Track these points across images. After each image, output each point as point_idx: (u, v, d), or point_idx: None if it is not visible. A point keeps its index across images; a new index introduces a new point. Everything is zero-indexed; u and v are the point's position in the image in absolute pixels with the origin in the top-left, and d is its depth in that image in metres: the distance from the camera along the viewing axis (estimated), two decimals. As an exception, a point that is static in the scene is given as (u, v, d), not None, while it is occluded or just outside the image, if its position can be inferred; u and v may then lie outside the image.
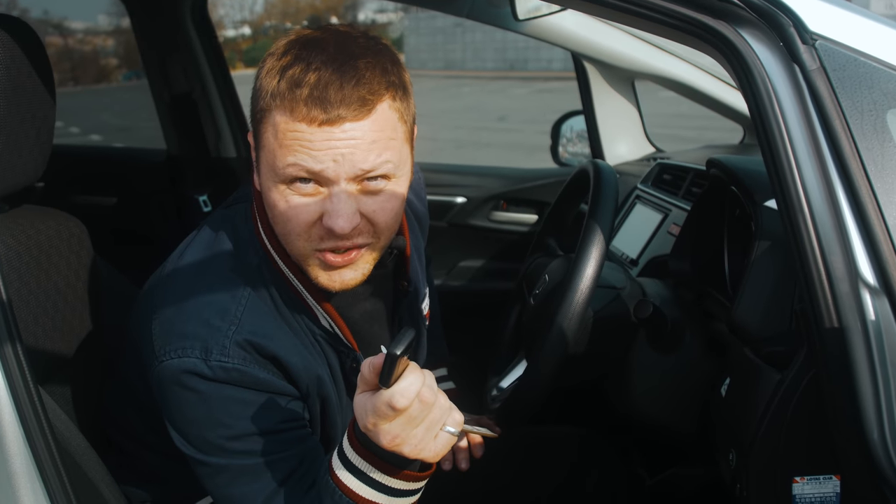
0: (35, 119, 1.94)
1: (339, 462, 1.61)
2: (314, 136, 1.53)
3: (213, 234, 1.79)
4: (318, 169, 1.54)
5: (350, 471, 1.59)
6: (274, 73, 1.57)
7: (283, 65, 1.56)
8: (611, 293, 2.15)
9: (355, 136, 1.55)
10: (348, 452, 1.59)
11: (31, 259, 1.91)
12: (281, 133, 1.55)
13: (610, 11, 1.66)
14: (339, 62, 1.55)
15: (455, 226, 3.92)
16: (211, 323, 1.64)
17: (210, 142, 4.23)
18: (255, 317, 1.67)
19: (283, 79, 1.54)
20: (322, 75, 1.53)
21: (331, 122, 1.52)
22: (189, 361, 1.61)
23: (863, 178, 1.50)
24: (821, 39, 1.53)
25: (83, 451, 1.85)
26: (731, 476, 1.87)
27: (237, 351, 1.62)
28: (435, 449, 1.51)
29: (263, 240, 1.75)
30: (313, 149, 1.53)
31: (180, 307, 1.67)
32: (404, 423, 1.47)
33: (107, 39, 35.63)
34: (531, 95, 25.20)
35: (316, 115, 1.52)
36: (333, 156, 1.54)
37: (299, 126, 1.53)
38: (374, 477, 1.57)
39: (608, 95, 3.84)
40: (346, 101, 1.53)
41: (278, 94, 1.54)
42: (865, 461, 1.50)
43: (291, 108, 1.53)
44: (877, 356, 1.49)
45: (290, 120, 1.53)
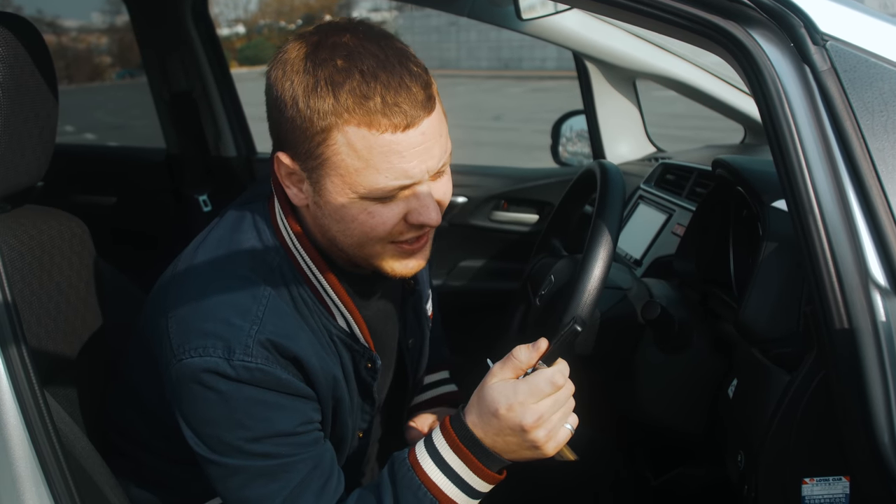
0: (38, 118, 1.93)
1: (427, 456, 1.65)
2: (400, 145, 1.54)
3: (229, 233, 1.77)
4: (412, 181, 1.58)
5: (440, 466, 1.64)
6: (323, 90, 1.53)
7: (326, 78, 1.53)
8: (618, 294, 2.14)
9: (431, 134, 1.58)
10: (440, 447, 1.65)
11: (34, 259, 1.91)
12: (363, 149, 1.54)
13: (620, 12, 1.66)
14: (385, 64, 1.55)
15: (456, 225, 3.91)
16: (232, 322, 1.62)
17: (210, 141, 4.23)
18: (276, 317, 1.67)
19: (343, 93, 1.52)
20: (384, 81, 1.53)
21: (412, 125, 1.54)
22: (211, 360, 1.60)
23: (874, 178, 1.50)
24: (831, 40, 1.53)
25: (87, 453, 1.84)
26: (739, 477, 1.87)
27: (260, 350, 1.62)
28: (558, 440, 1.62)
29: (287, 240, 1.74)
30: (403, 159, 1.55)
31: (198, 305, 1.66)
32: (552, 404, 1.59)
33: (100, 37, 35.62)
34: (526, 94, 25.20)
35: (399, 122, 1.53)
36: (420, 158, 1.56)
37: (383, 137, 1.53)
38: (460, 474, 1.64)
39: (609, 95, 3.84)
40: (415, 99, 1.55)
41: (345, 109, 1.52)
42: (875, 462, 1.50)
43: (369, 122, 1.52)
44: (887, 357, 1.49)
45: (370, 133, 1.53)
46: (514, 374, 1.61)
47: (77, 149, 5.82)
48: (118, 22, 32.11)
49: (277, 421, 1.65)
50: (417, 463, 1.65)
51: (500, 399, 1.58)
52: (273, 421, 1.65)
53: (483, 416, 1.61)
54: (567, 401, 1.62)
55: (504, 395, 1.58)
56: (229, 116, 4.23)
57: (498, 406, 1.58)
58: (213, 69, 4.17)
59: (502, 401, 1.58)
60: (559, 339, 1.62)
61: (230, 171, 4.23)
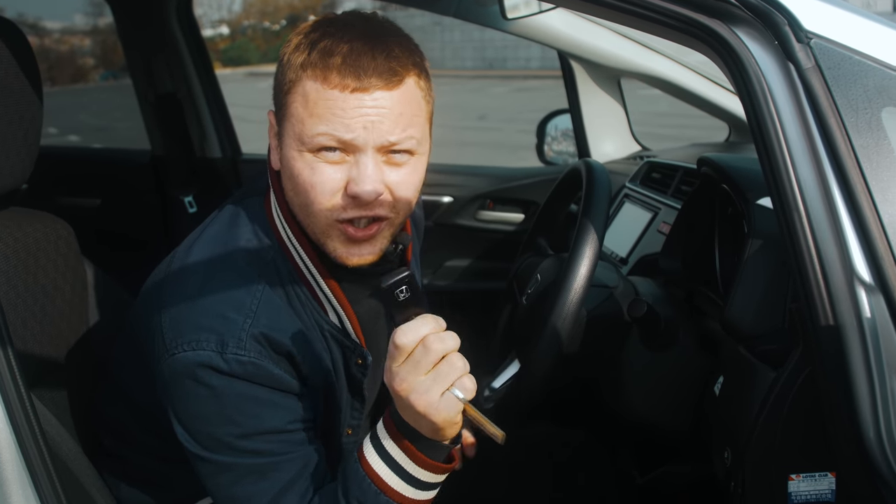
0: (23, 120, 1.92)
1: (371, 447, 1.63)
2: (346, 104, 1.56)
3: (224, 228, 1.78)
4: (348, 137, 1.57)
5: (382, 457, 1.62)
6: (303, 47, 1.60)
7: (312, 39, 1.60)
8: (604, 292, 2.15)
9: (384, 105, 1.58)
10: (382, 436, 1.62)
11: (19, 262, 1.90)
12: (312, 101, 1.58)
13: (605, 10, 1.66)
14: (370, 37, 1.59)
15: (441, 225, 3.91)
16: (226, 316, 1.63)
17: (195, 142, 4.22)
18: (270, 310, 1.67)
19: (315, 50, 1.58)
20: (354, 45, 1.57)
21: (363, 90, 1.56)
22: (204, 354, 1.60)
23: (858, 175, 1.51)
24: (816, 38, 1.54)
25: (74, 455, 1.84)
26: (725, 474, 1.87)
27: (253, 344, 1.62)
28: (441, 409, 1.52)
29: (281, 233, 1.75)
30: (345, 116, 1.56)
31: (193, 300, 1.66)
32: (410, 367, 1.51)
33: (83, 39, 35.49)
34: (510, 94, 25.21)
35: (349, 83, 1.55)
36: (364, 123, 1.57)
37: (332, 93, 1.56)
38: (402, 465, 1.61)
39: (594, 94, 3.85)
40: (378, 69, 1.56)
41: (309, 63, 1.58)
42: (861, 458, 1.50)
43: (325, 76, 1.56)
44: (872, 353, 1.49)
45: (322, 87, 1.57)
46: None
47: (61, 151, 5.81)
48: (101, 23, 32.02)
49: (268, 417, 1.66)
50: (362, 454, 1.64)
51: (387, 374, 1.54)
52: (263, 417, 1.65)
53: (398, 405, 1.58)
54: (435, 364, 1.51)
55: (388, 368, 1.54)
56: (214, 117, 4.22)
57: (392, 382, 1.54)
58: (197, 70, 4.16)
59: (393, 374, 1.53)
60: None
61: (215, 172, 4.22)
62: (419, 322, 1.52)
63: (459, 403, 1.53)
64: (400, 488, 1.62)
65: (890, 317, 1.51)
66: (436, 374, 1.51)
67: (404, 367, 1.51)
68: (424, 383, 1.51)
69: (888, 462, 1.47)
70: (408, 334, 1.50)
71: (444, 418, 1.53)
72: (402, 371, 1.51)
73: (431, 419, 1.53)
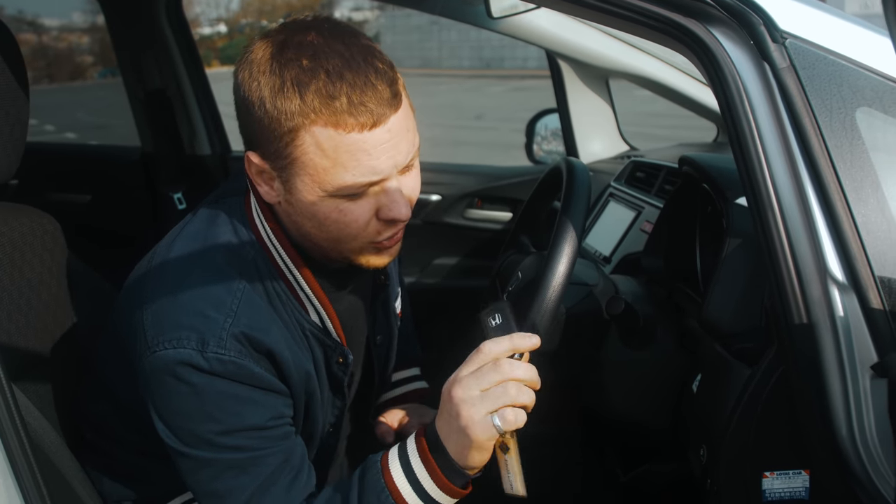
0: (8, 116, 1.93)
1: (397, 462, 1.65)
2: (367, 143, 1.55)
3: (204, 227, 1.77)
4: (379, 178, 1.59)
5: (406, 473, 1.64)
6: (289, 90, 1.54)
7: (293, 79, 1.54)
8: (583, 290, 2.16)
9: (397, 130, 1.59)
10: (411, 454, 1.65)
11: (5, 256, 1.91)
12: (330, 149, 1.55)
13: (582, 10, 1.67)
14: (351, 62, 1.56)
15: (429, 223, 3.92)
16: (207, 314, 1.63)
17: (185, 139, 4.23)
18: (250, 310, 1.67)
19: (309, 94, 1.53)
20: (349, 80, 1.54)
21: (379, 123, 1.55)
22: (185, 353, 1.60)
23: (832, 175, 1.52)
24: (791, 38, 1.55)
25: (56, 447, 1.84)
26: (701, 471, 1.88)
27: (233, 343, 1.62)
28: (479, 430, 1.55)
29: (262, 235, 1.75)
30: (371, 157, 1.56)
31: (173, 298, 1.66)
32: (474, 378, 1.56)
33: (82, 37, 35.46)
34: (507, 93, 25.20)
35: (365, 121, 1.54)
36: (388, 154, 1.58)
37: (350, 137, 1.54)
38: (423, 485, 1.63)
39: (582, 93, 3.86)
40: (382, 98, 1.55)
41: (311, 110, 1.53)
42: (834, 456, 1.52)
43: (336, 122, 1.53)
44: (845, 352, 1.51)
45: (337, 133, 1.54)
46: None
47: (51, 147, 5.81)
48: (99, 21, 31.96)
49: (248, 415, 1.66)
50: (387, 467, 1.65)
51: (454, 389, 1.57)
52: (244, 415, 1.66)
53: (444, 418, 1.61)
54: (495, 383, 1.55)
55: (455, 383, 1.58)
56: (204, 114, 4.23)
57: (454, 393, 1.57)
58: (187, 68, 4.17)
59: (456, 390, 1.56)
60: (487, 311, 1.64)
61: (205, 169, 4.23)
62: (507, 340, 1.59)
63: (493, 430, 1.55)
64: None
65: (862, 315, 1.52)
66: (490, 392, 1.55)
67: (470, 377, 1.56)
68: (477, 397, 1.55)
69: (860, 459, 1.49)
70: (493, 347, 1.57)
71: (476, 437, 1.56)
72: (467, 379, 1.56)
73: (468, 434, 1.56)
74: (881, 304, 1.51)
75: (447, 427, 1.59)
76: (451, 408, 1.56)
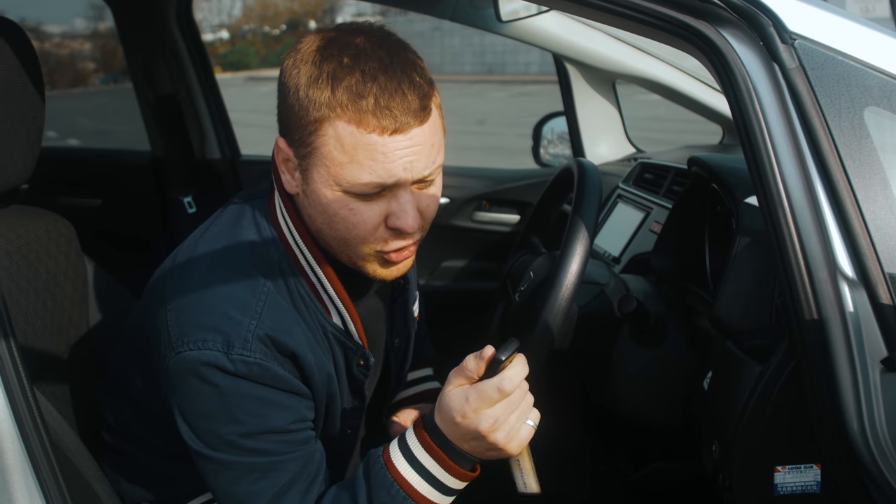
0: (25, 119, 1.95)
1: (400, 455, 1.67)
2: (386, 148, 1.57)
3: (229, 228, 1.79)
4: (391, 182, 1.60)
5: (412, 465, 1.66)
6: (323, 82, 1.58)
7: (329, 73, 1.58)
8: (595, 289, 2.17)
9: (420, 142, 1.60)
10: (413, 447, 1.66)
11: (21, 259, 1.93)
12: (349, 146, 1.58)
13: (593, 12, 1.69)
14: (389, 67, 1.59)
15: (438, 226, 3.92)
16: (232, 316, 1.64)
17: (195, 143, 4.24)
18: (274, 312, 1.69)
19: (340, 88, 1.56)
20: (382, 84, 1.56)
21: (400, 131, 1.57)
22: (210, 354, 1.61)
23: (841, 173, 1.54)
24: (800, 39, 1.57)
25: (76, 448, 1.86)
26: (714, 467, 1.90)
27: (258, 346, 1.64)
28: (520, 438, 1.62)
29: (287, 236, 1.76)
30: (386, 161, 1.58)
31: (198, 299, 1.68)
32: (505, 407, 1.59)
33: (84, 43, 35.40)
34: (509, 99, 25.18)
35: (387, 125, 1.56)
36: (404, 164, 1.59)
37: (370, 137, 1.56)
38: (433, 473, 1.65)
39: (589, 96, 3.87)
40: (410, 107, 1.58)
41: (338, 104, 1.56)
42: (845, 450, 1.53)
43: (359, 120, 1.56)
44: (855, 347, 1.52)
45: (358, 132, 1.56)
46: (466, 381, 1.63)
47: (62, 151, 5.82)
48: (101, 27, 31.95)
49: (271, 418, 1.67)
50: (391, 461, 1.67)
51: (455, 407, 1.60)
52: (267, 417, 1.67)
53: (445, 422, 1.64)
54: (522, 401, 1.62)
55: (458, 402, 1.60)
56: (213, 119, 4.25)
57: (454, 414, 1.60)
58: (197, 73, 4.19)
59: (457, 408, 1.60)
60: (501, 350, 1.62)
61: (215, 173, 4.24)
62: (518, 369, 1.61)
63: (532, 431, 1.64)
64: (429, 494, 1.66)
65: (872, 311, 1.53)
66: (521, 410, 1.62)
67: (497, 409, 1.59)
68: (511, 421, 1.61)
69: (871, 453, 1.50)
70: (515, 382, 1.59)
71: (519, 444, 1.63)
72: (496, 412, 1.59)
73: (508, 450, 1.62)
74: (891, 299, 1.53)
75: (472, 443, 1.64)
76: (482, 436, 1.60)
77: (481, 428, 1.58)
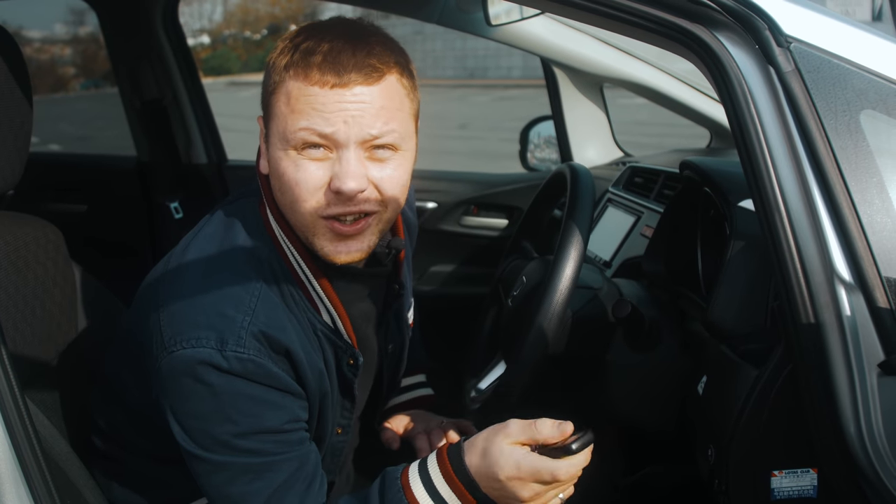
0: (13, 125, 1.93)
1: (419, 482, 1.68)
2: (326, 99, 1.59)
3: (220, 229, 1.79)
4: (329, 131, 1.60)
5: (430, 493, 1.66)
6: (287, 50, 1.64)
7: (296, 43, 1.63)
8: (588, 293, 2.17)
9: (364, 100, 1.61)
10: (434, 476, 1.67)
11: (10, 265, 1.91)
12: (294, 99, 1.61)
13: (587, 15, 1.69)
14: (352, 36, 1.63)
15: (426, 231, 3.92)
16: (225, 313, 1.64)
17: (181, 148, 4.22)
18: (268, 308, 1.68)
19: (297, 51, 1.61)
20: (335, 44, 1.60)
21: (343, 85, 1.59)
22: (204, 352, 1.61)
23: (837, 176, 1.54)
24: (795, 42, 1.57)
25: (67, 455, 1.85)
26: (709, 471, 1.89)
27: (252, 342, 1.63)
28: None
29: (274, 231, 1.77)
30: (325, 111, 1.59)
31: (192, 298, 1.67)
32: (552, 490, 1.64)
33: (64, 48, 35.28)
34: (492, 103, 25.18)
35: (328, 79, 1.59)
36: (344, 118, 1.60)
37: (312, 89, 1.59)
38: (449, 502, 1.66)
39: (577, 100, 3.87)
40: (357, 66, 1.60)
41: (292, 64, 1.61)
42: (842, 455, 1.53)
43: (305, 74, 1.60)
44: (852, 351, 1.53)
45: (303, 85, 1.60)
46: (529, 441, 1.63)
47: (47, 157, 5.80)
48: (81, 32, 31.85)
49: (265, 417, 1.66)
50: (409, 486, 1.67)
51: (505, 467, 1.60)
52: (261, 417, 1.66)
53: (482, 469, 1.64)
54: (567, 487, 1.66)
55: (510, 464, 1.60)
56: (200, 124, 4.23)
57: (500, 472, 1.61)
58: (183, 77, 4.17)
59: (507, 469, 1.60)
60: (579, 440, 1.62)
61: (201, 178, 4.23)
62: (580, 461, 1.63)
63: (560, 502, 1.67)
64: None
65: (869, 314, 1.54)
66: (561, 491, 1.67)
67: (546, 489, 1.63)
68: (549, 495, 1.64)
69: (868, 457, 1.50)
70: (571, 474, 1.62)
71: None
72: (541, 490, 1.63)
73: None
74: (888, 303, 1.53)
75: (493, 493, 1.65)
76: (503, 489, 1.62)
77: (521, 495, 1.61)
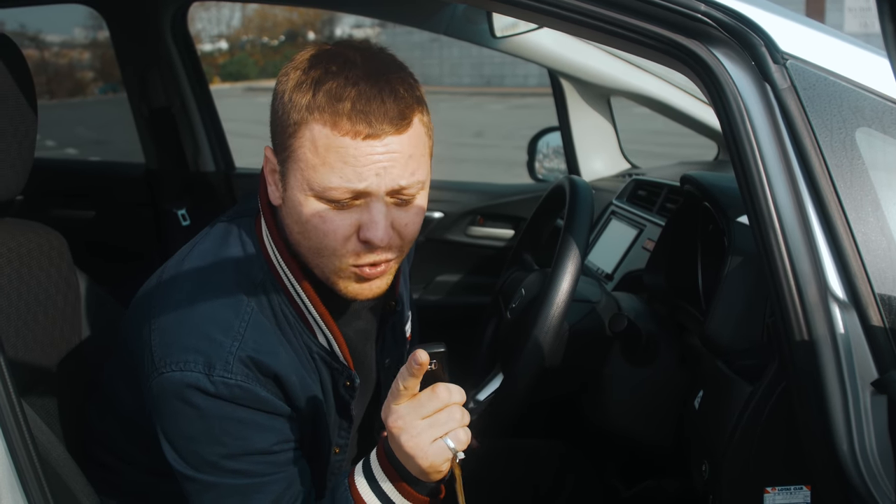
0: (17, 132, 1.94)
1: (362, 477, 1.64)
2: (358, 151, 1.56)
3: (215, 246, 1.79)
4: (361, 187, 1.58)
5: (371, 486, 1.63)
6: (306, 86, 1.59)
7: (315, 78, 1.59)
8: (586, 307, 2.17)
9: (395, 150, 1.59)
10: (374, 466, 1.63)
11: (13, 271, 1.92)
12: (322, 148, 1.58)
13: (586, 30, 1.69)
14: (373, 77, 1.59)
15: (432, 240, 3.93)
16: (214, 337, 1.64)
17: (189, 156, 4.24)
18: (257, 333, 1.68)
19: (321, 92, 1.57)
20: (362, 90, 1.56)
21: (375, 136, 1.56)
22: (191, 376, 1.61)
23: (832, 194, 1.54)
24: (791, 59, 1.57)
25: (64, 462, 1.85)
26: (703, 487, 1.89)
27: (240, 367, 1.63)
28: (429, 455, 1.54)
29: (271, 255, 1.76)
30: (357, 165, 1.56)
31: (181, 319, 1.68)
32: (410, 408, 1.52)
33: (83, 52, 35.41)
34: (508, 111, 25.19)
35: (361, 129, 1.56)
36: (376, 170, 1.57)
37: (343, 140, 1.56)
38: (391, 497, 1.61)
39: (584, 112, 3.88)
40: (388, 114, 1.57)
41: (316, 107, 1.57)
42: (835, 472, 1.53)
43: (334, 122, 1.56)
44: (846, 369, 1.52)
45: (332, 134, 1.57)
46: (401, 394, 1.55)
47: (56, 163, 5.82)
48: (100, 37, 31.95)
49: (253, 439, 1.67)
50: (354, 483, 1.65)
51: (396, 422, 1.54)
52: (249, 439, 1.66)
53: (391, 442, 1.59)
54: (436, 410, 1.54)
55: (396, 415, 1.54)
56: (208, 132, 4.24)
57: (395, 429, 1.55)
58: (191, 84, 4.18)
59: (398, 422, 1.54)
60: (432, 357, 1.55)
61: (209, 186, 4.24)
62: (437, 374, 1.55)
63: (449, 452, 1.55)
64: None
65: (863, 332, 1.53)
66: (433, 420, 1.54)
67: (404, 407, 1.53)
68: (419, 426, 1.53)
69: (861, 475, 1.50)
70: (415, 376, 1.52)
71: (430, 464, 1.54)
72: (401, 409, 1.53)
73: (418, 462, 1.54)
74: (881, 321, 1.53)
75: (400, 455, 1.57)
76: (395, 440, 1.55)
77: (390, 425, 1.54)
